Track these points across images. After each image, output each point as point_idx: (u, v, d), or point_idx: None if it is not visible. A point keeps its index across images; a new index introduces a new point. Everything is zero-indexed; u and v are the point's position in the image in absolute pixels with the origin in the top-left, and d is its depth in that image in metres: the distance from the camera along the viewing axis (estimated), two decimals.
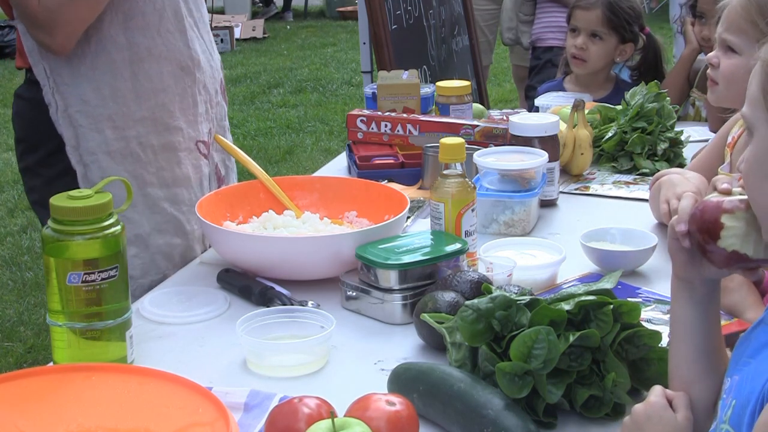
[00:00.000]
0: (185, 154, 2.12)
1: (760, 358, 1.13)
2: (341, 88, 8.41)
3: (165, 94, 2.07)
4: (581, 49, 3.27)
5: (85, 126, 2.01)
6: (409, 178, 2.44)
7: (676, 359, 1.33)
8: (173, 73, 2.08)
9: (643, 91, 2.70)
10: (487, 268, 1.81)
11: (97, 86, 2.00)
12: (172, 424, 1.36)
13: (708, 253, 1.24)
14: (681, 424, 1.26)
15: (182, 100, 2.11)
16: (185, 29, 2.11)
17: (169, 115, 2.08)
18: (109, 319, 1.55)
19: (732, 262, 1.22)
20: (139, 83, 2.03)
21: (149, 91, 2.05)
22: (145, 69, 2.04)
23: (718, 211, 1.22)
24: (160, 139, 2.07)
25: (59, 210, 1.52)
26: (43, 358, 3.76)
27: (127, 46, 2.02)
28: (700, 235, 1.24)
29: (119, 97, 2.02)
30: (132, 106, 2.03)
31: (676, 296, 1.33)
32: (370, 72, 3.97)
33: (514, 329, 1.43)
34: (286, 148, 6.65)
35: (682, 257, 1.30)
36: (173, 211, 2.10)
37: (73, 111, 2.01)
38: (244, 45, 10.34)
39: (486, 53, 5.04)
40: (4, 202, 5.69)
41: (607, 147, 2.65)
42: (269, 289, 1.82)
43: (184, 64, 2.11)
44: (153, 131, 2.06)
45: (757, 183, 1.16)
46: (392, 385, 1.47)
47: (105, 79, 2.01)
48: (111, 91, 2.01)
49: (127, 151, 2.04)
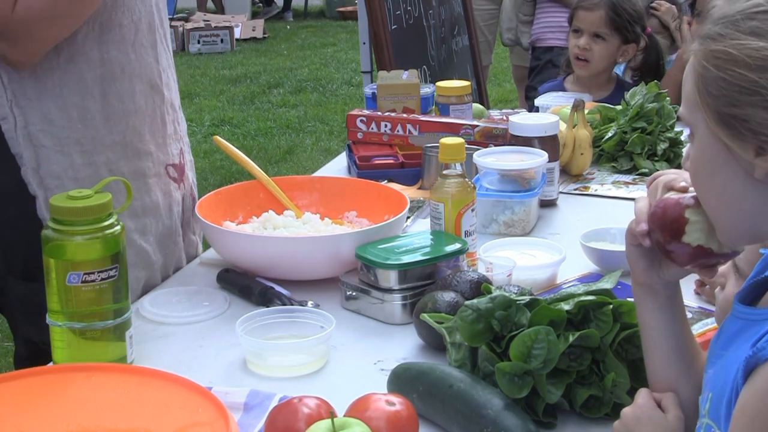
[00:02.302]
0: (155, 181, 1.93)
1: (731, 349, 1.14)
2: (341, 88, 8.41)
3: (136, 116, 1.88)
4: (584, 50, 3.27)
5: (49, 147, 1.79)
6: (409, 178, 2.44)
7: (653, 365, 1.33)
8: (144, 93, 1.90)
9: (643, 91, 2.70)
10: (487, 268, 1.81)
11: (64, 105, 1.79)
12: (172, 424, 1.36)
13: (670, 253, 1.24)
14: (672, 423, 1.26)
15: (152, 121, 1.93)
16: (156, 43, 1.93)
17: (140, 139, 1.89)
18: (109, 319, 1.55)
19: (696, 257, 1.22)
20: (109, 104, 1.84)
21: (120, 113, 1.85)
22: (117, 88, 1.85)
23: (680, 208, 1.22)
24: (129, 165, 1.87)
25: (59, 210, 1.52)
26: None
27: (100, 63, 1.82)
28: (662, 234, 1.23)
29: (88, 119, 1.82)
30: (101, 130, 1.83)
31: (641, 304, 1.32)
32: (370, 72, 3.97)
33: (514, 329, 1.43)
34: (286, 148, 6.65)
35: (642, 263, 1.30)
36: (142, 242, 1.92)
37: (34, 129, 1.78)
38: (244, 45, 10.33)
39: (486, 53, 5.04)
40: None
41: (607, 147, 2.65)
42: (269, 289, 1.82)
43: (154, 82, 1.93)
44: (123, 157, 1.86)
45: (703, 182, 1.16)
46: (392, 385, 1.47)
47: (73, 99, 1.80)
48: (79, 112, 1.81)
49: (95, 177, 1.78)
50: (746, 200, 1.11)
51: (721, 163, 1.11)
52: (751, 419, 1.04)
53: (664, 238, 1.23)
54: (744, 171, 1.09)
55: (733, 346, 1.13)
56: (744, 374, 1.05)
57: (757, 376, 1.04)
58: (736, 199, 1.12)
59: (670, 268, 1.29)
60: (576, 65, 3.32)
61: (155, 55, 1.93)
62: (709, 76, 1.08)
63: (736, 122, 1.07)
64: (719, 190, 1.13)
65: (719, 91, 1.08)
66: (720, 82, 1.07)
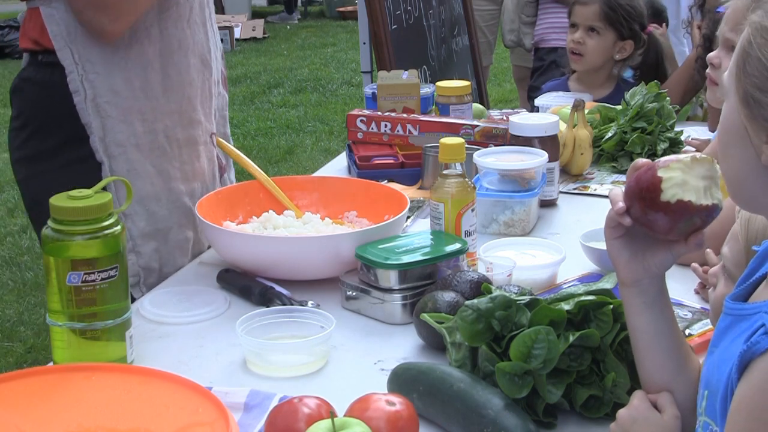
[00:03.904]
0: (203, 148, 2.12)
1: (722, 345, 1.14)
2: (341, 88, 8.42)
3: (191, 87, 2.06)
4: (579, 44, 3.29)
5: (114, 117, 1.96)
6: (409, 178, 2.44)
7: (647, 369, 1.32)
8: (196, 66, 2.08)
9: (643, 91, 2.70)
10: (487, 268, 1.81)
11: (129, 78, 1.96)
12: (172, 424, 1.36)
13: (652, 224, 1.24)
14: (669, 423, 1.26)
15: (202, 93, 2.10)
16: (206, 20, 2.11)
17: (193, 109, 2.07)
18: (109, 319, 1.55)
19: (678, 218, 1.22)
20: (168, 76, 2.01)
21: (177, 85, 2.03)
22: (174, 62, 2.02)
23: (652, 171, 1.24)
24: (184, 133, 2.06)
25: (59, 210, 1.52)
26: (43, 358, 3.76)
27: (160, 38, 1.99)
28: (640, 203, 1.24)
29: (149, 90, 1.99)
30: (161, 100, 2.01)
31: (630, 306, 1.31)
32: (370, 72, 3.98)
33: (514, 329, 1.43)
34: (286, 148, 6.65)
35: (624, 256, 1.30)
36: (191, 205, 2.07)
37: (102, 101, 1.95)
38: (244, 45, 10.34)
39: (486, 54, 5.04)
40: (4, 202, 5.69)
41: (607, 147, 2.65)
42: (269, 289, 1.82)
43: (204, 57, 2.10)
44: (179, 125, 2.05)
45: (722, 149, 1.18)
46: (392, 385, 1.47)
47: (137, 71, 1.97)
48: (142, 84, 1.98)
49: (155, 144, 2.01)
50: (750, 179, 1.13)
51: (738, 138, 1.13)
52: (748, 414, 1.04)
53: (643, 208, 1.24)
54: (754, 152, 1.11)
55: (724, 342, 1.14)
56: (739, 369, 1.05)
57: (753, 371, 1.04)
58: (742, 175, 1.14)
59: (654, 256, 1.28)
60: (571, 59, 3.36)
61: (205, 32, 2.11)
62: (751, 54, 1.09)
63: (757, 106, 1.08)
64: (731, 161, 1.15)
65: (753, 70, 1.09)
66: (757, 63, 1.08)
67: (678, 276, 1.33)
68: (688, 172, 1.22)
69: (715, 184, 1.23)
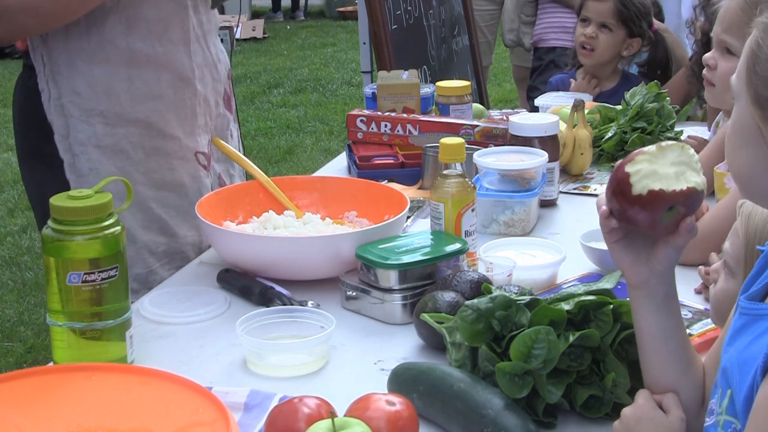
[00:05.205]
0: (180, 163, 2.12)
1: (735, 344, 1.14)
2: (341, 88, 8.41)
3: (161, 101, 2.07)
4: (591, 38, 3.34)
5: (76, 117, 2.02)
6: (409, 178, 2.44)
7: (653, 370, 1.32)
8: (172, 83, 2.08)
9: (643, 91, 2.70)
10: (487, 268, 1.81)
11: (91, 82, 2.01)
12: (172, 424, 1.36)
13: (634, 221, 1.25)
14: (674, 424, 1.26)
15: (180, 110, 2.10)
16: (189, 41, 2.11)
17: (165, 123, 2.08)
18: (109, 319, 1.55)
19: (655, 208, 1.22)
20: (134, 86, 2.04)
21: (144, 96, 2.05)
22: (142, 74, 2.04)
23: (621, 168, 1.24)
24: (152, 142, 2.07)
25: (59, 210, 1.52)
26: (43, 358, 3.76)
27: (127, 51, 2.02)
28: (619, 202, 1.25)
29: (113, 96, 2.03)
30: (125, 107, 2.04)
31: (639, 309, 1.31)
32: (370, 72, 3.97)
33: (514, 329, 1.43)
34: (286, 148, 6.65)
35: (628, 259, 1.29)
36: (160, 212, 2.10)
37: (65, 101, 2.01)
38: (244, 45, 10.34)
39: (486, 54, 5.04)
40: (4, 202, 5.69)
41: (607, 147, 2.65)
42: (269, 289, 1.82)
43: (185, 76, 2.10)
44: (146, 134, 2.06)
45: (732, 150, 1.18)
46: (392, 385, 1.47)
47: (100, 77, 2.02)
48: (105, 89, 2.02)
49: (117, 147, 2.04)
50: (763, 176, 1.13)
51: (752, 140, 1.12)
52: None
53: (622, 205, 1.24)
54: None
55: (740, 341, 1.13)
56: (763, 371, 1.05)
57: None
58: (755, 172, 1.14)
59: (656, 253, 1.27)
60: (581, 54, 3.40)
61: (188, 53, 2.11)
62: (761, 56, 1.10)
63: None
64: (744, 160, 1.15)
65: (764, 71, 1.09)
66: (766, 64, 1.09)
67: (678, 276, 1.32)
68: (655, 162, 1.23)
69: (691, 168, 1.23)
